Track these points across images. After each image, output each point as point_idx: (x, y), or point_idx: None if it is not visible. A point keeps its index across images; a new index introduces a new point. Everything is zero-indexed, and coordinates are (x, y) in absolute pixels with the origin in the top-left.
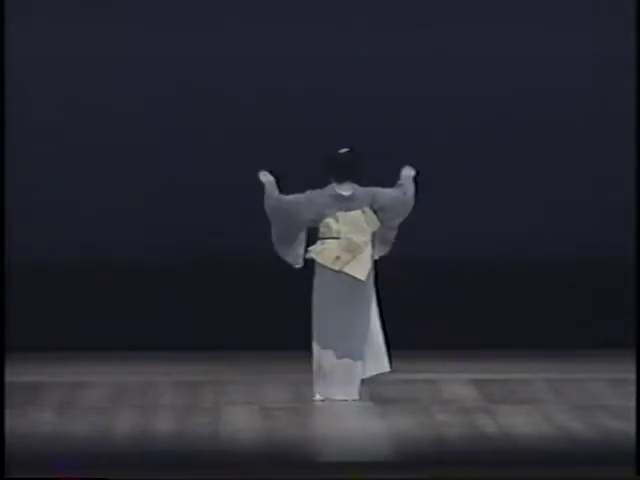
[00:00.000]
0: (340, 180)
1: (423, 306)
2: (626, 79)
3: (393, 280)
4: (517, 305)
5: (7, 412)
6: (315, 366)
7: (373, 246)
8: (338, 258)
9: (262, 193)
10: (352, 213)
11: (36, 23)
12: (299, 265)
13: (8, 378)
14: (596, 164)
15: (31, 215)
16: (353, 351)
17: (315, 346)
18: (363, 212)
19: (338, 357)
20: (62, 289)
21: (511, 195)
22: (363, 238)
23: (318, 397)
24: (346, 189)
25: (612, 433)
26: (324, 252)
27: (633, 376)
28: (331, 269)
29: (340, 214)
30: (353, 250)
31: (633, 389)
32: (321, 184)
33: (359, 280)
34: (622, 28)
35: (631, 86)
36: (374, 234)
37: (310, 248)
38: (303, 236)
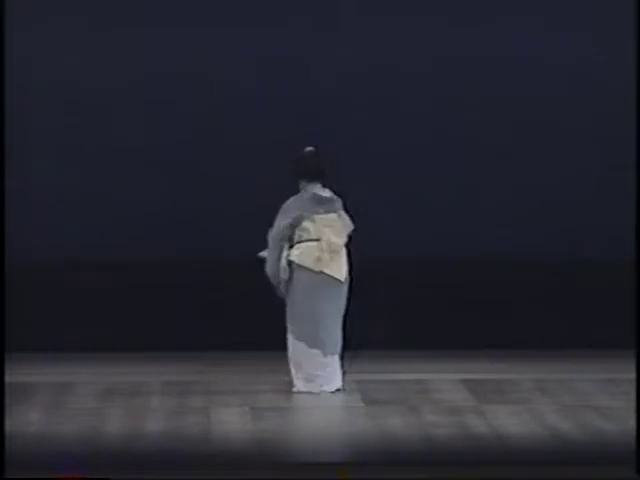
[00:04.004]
0: (313, 181)
1: (413, 307)
2: (626, 79)
3: (382, 281)
4: (510, 305)
5: None
6: (296, 359)
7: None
8: (319, 259)
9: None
10: (330, 215)
11: (36, 22)
12: (285, 278)
13: None
14: (596, 164)
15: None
16: (332, 346)
17: (296, 342)
18: (339, 215)
19: (323, 354)
20: (48, 290)
21: (510, 194)
22: (340, 240)
23: (299, 389)
24: (322, 191)
25: (602, 433)
26: (304, 254)
27: (623, 376)
28: (310, 270)
29: (317, 216)
30: (333, 251)
31: (623, 389)
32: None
33: (337, 281)
34: (622, 28)
35: (631, 86)
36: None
37: (289, 252)
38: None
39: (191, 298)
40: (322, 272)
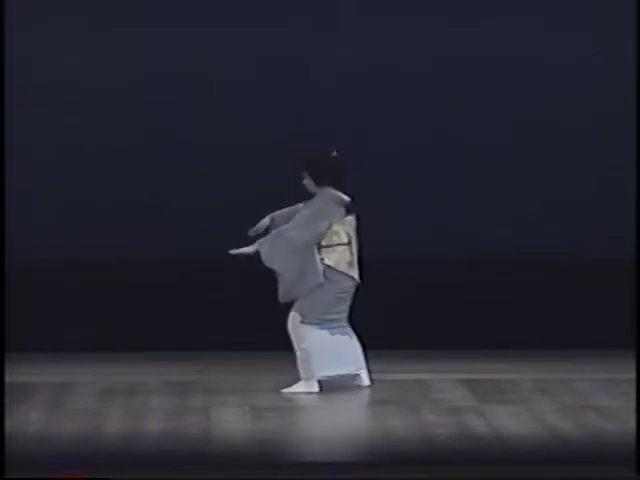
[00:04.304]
0: (337, 185)
1: (413, 307)
2: (626, 79)
3: (382, 281)
4: (510, 305)
5: None
6: (319, 354)
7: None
8: (351, 263)
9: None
10: (349, 218)
11: (36, 22)
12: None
13: None
14: (596, 164)
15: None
16: (356, 339)
17: (321, 337)
18: (351, 217)
19: (344, 338)
20: (48, 290)
21: (510, 194)
22: (357, 242)
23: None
24: (344, 194)
25: (602, 433)
26: (339, 258)
27: (623, 376)
28: (340, 273)
29: (344, 219)
30: (356, 254)
31: (623, 389)
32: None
33: (356, 282)
34: (622, 28)
35: (631, 86)
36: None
37: (322, 256)
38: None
39: (191, 298)
40: (348, 275)
